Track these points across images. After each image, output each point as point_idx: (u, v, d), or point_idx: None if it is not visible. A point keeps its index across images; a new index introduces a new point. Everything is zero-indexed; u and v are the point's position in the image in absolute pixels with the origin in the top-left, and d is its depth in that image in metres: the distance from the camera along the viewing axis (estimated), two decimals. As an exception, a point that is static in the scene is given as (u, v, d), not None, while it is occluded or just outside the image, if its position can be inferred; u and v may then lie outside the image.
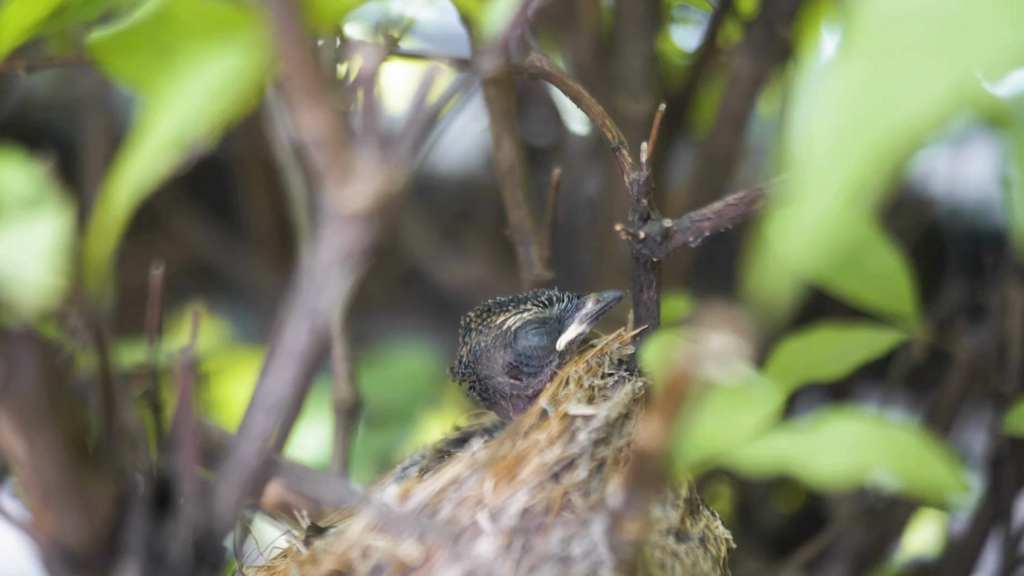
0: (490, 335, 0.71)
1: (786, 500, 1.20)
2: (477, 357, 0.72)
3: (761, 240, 0.39)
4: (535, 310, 0.71)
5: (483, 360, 0.72)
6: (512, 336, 0.71)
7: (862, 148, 0.38)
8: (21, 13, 0.59)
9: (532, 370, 0.71)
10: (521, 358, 0.71)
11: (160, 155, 0.49)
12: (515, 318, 0.71)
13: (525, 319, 0.71)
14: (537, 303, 0.72)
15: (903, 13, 0.39)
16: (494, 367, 0.72)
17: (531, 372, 0.71)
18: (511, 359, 0.71)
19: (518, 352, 0.71)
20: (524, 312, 0.71)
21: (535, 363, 0.71)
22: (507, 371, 0.71)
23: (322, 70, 0.47)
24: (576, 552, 0.60)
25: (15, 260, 0.46)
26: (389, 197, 0.49)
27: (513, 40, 0.54)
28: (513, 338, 0.71)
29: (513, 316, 0.71)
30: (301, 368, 0.52)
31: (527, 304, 0.72)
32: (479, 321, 0.72)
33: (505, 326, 0.71)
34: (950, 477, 0.52)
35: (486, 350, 0.71)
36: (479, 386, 0.72)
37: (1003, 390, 0.91)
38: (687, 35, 1.16)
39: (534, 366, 0.71)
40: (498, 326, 0.71)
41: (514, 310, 0.71)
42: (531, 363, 0.71)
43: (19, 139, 0.56)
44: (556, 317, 0.72)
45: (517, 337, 0.71)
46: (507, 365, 0.71)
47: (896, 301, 0.82)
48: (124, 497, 0.55)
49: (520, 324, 0.71)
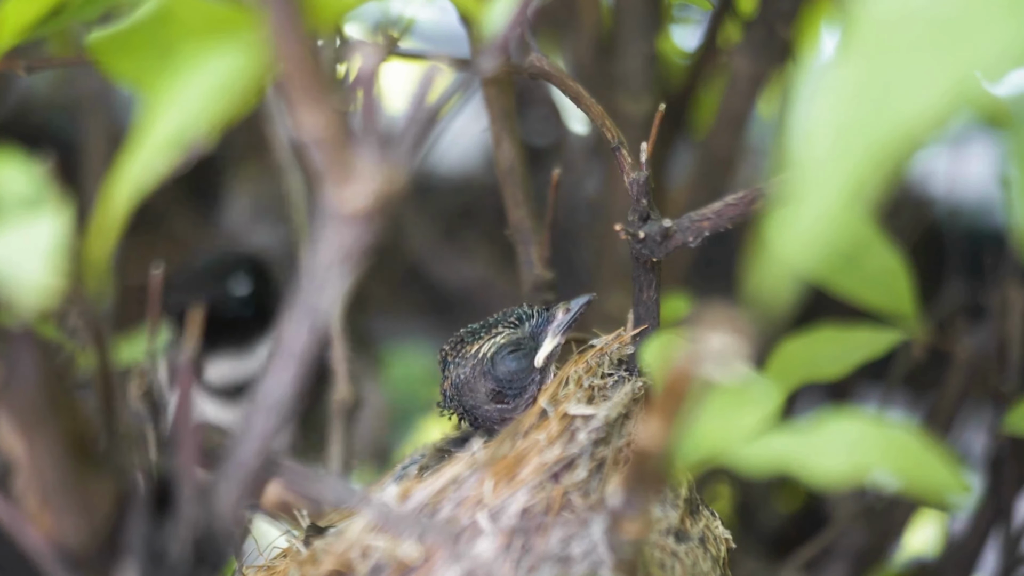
0: (467, 366, 0.71)
1: (786, 500, 1.20)
2: (459, 389, 0.72)
3: (760, 240, 0.39)
4: (507, 332, 0.71)
5: (466, 391, 0.72)
6: (489, 363, 0.71)
7: (862, 148, 0.38)
8: (20, 13, 0.59)
9: (515, 392, 0.71)
10: (502, 383, 0.71)
11: (160, 155, 0.49)
12: (488, 344, 0.71)
13: (499, 343, 0.71)
14: (507, 324, 0.72)
15: (903, 13, 0.39)
16: (478, 396, 0.72)
17: (515, 394, 0.71)
18: (493, 386, 0.71)
19: (498, 378, 0.71)
20: (496, 336, 0.71)
21: (517, 384, 0.71)
22: (492, 398, 0.72)
23: (322, 70, 0.47)
24: (576, 552, 0.60)
25: (15, 260, 0.46)
26: (389, 197, 0.49)
27: (513, 40, 0.54)
28: (491, 365, 0.71)
29: (486, 343, 0.71)
30: (301, 368, 0.52)
31: (498, 327, 0.72)
32: (455, 354, 0.72)
33: (480, 354, 0.71)
34: (950, 477, 0.52)
35: (467, 381, 0.72)
36: (468, 416, 0.73)
37: (1003, 390, 0.91)
38: (687, 35, 1.16)
39: (516, 387, 0.71)
40: (474, 355, 0.71)
41: (486, 336, 0.72)
42: (513, 385, 0.71)
43: (19, 139, 0.56)
44: (529, 335, 0.72)
45: (494, 363, 0.71)
46: (490, 392, 0.71)
47: (896, 301, 0.82)
48: (124, 497, 0.55)
49: (494, 349, 0.71)
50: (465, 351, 0.72)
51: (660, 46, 1.07)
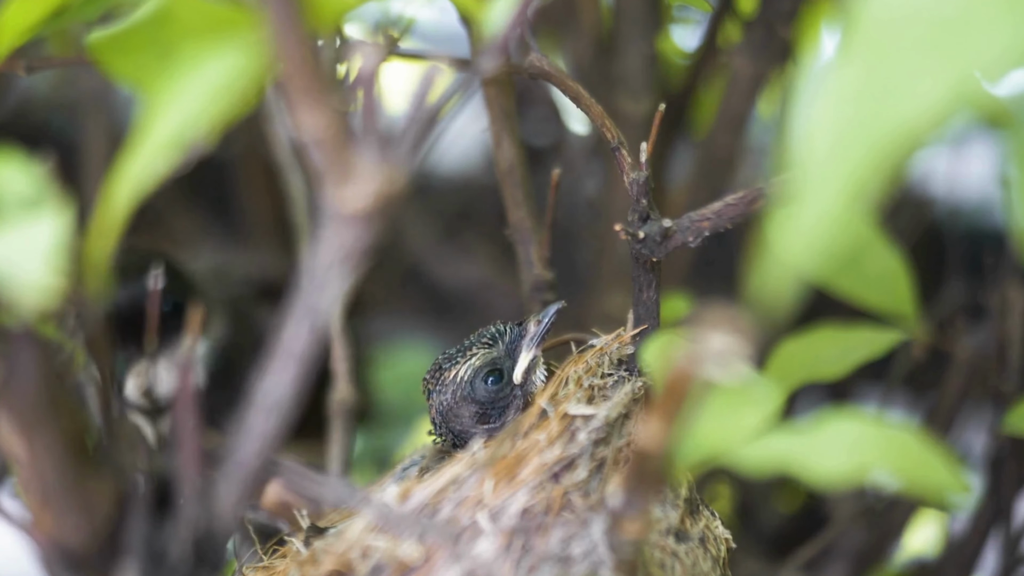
0: (448, 392, 0.72)
1: (786, 500, 1.20)
2: (445, 416, 0.72)
3: (761, 240, 0.39)
4: (482, 353, 0.72)
5: (451, 417, 0.72)
6: (468, 386, 0.72)
7: (862, 148, 0.38)
8: (21, 13, 0.59)
9: (499, 411, 0.72)
10: (484, 404, 0.72)
11: (160, 155, 0.49)
12: (465, 368, 0.72)
13: (475, 366, 0.72)
14: (482, 344, 0.72)
15: (903, 13, 0.39)
16: (464, 420, 0.72)
17: (498, 413, 0.72)
18: (475, 408, 0.72)
19: (478, 400, 0.72)
20: (472, 359, 0.72)
21: (499, 403, 0.72)
22: (477, 419, 0.72)
23: (322, 70, 0.47)
24: (576, 552, 0.60)
25: (15, 260, 0.46)
26: (389, 197, 0.49)
27: (513, 40, 0.54)
28: (470, 388, 0.72)
29: (463, 366, 0.72)
30: (301, 368, 0.52)
31: (472, 349, 0.72)
32: (435, 382, 0.73)
33: (459, 378, 0.72)
34: (950, 477, 0.52)
35: (450, 407, 0.72)
36: (459, 440, 0.73)
37: (1003, 390, 0.91)
38: (687, 35, 1.16)
39: (499, 406, 0.72)
40: (452, 380, 0.72)
41: (463, 360, 0.72)
42: (495, 404, 0.72)
43: (19, 139, 0.56)
44: (505, 352, 0.72)
45: (473, 386, 0.72)
46: (474, 415, 0.72)
47: (896, 301, 0.82)
48: (124, 497, 0.55)
49: (471, 373, 0.72)
50: (444, 377, 0.72)
51: (660, 46, 1.07)
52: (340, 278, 0.50)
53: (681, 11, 1.12)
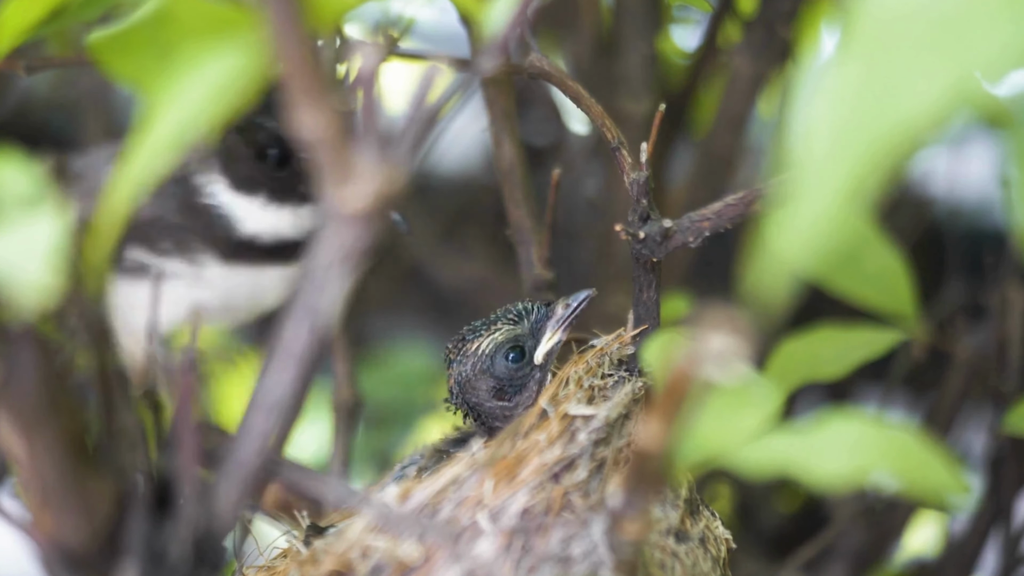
0: (468, 363, 0.72)
1: (786, 500, 1.20)
2: (462, 387, 0.73)
3: (760, 240, 0.39)
4: (506, 329, 0.72)
5: (468, 389, 0.73)
6: (488, 360, 0.72)
7: (861, 148, 0.38)
8: (21, 13, 0.59)
9: (515, 388, 0.72)
10: (502, 380, 0.72)
11: (160, 155, 0.49)
12: (488, 341, 0.72)
13: (497, 341, 0.72)
14: (507, 320, 0.72)
15: (903, 12, 0.39)
16: (480, 393, 0.72)
17: (515, 391, 0.72)
18: (493, 383, 0.72)
19: (497, 375, 0.72)
20: (496, 333, 0.72)
21: (517, 381, 0.72)
22: (493, 394, 0.72)
23: (322, 70, 0.47)
24: (576, 552, 0.60)
25: (15, 260, 0.46)
26: (389, 197, 0.49)
27: (513, 40, 0.54)
28: (490, 362, 0.72)
29: (486, 340, 0.72)
30: (301, 368, 0.52)
31: (498, 324, 0.72)
32: (456, 352, 0.73)
33: (480, 351, 0.72)
34: (950, 477, 0.52)
35: (468, 379, 0.72)
36: (473, 413, 0.73)
37: (1003, 390, 0.91)
38: (687, 35, 1.16)
39: (516, 384, 0.72)
40: (474, 352, 0.72)
41: (486, 333, 0.72)
42: (513, 382, 0.72)
43: (19, 139, 0.56)
44: (529, 331, 0.72)
45: (493, 360, 0.72)
46: (491, 389, 0.72)
47: (896, 301, 0.82)
48: (124, 497, 0.55)
49: (493, 347, 0.71)
50: (466, 348, 0.72)
51: (660, 46, 1.07)
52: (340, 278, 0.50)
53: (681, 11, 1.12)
